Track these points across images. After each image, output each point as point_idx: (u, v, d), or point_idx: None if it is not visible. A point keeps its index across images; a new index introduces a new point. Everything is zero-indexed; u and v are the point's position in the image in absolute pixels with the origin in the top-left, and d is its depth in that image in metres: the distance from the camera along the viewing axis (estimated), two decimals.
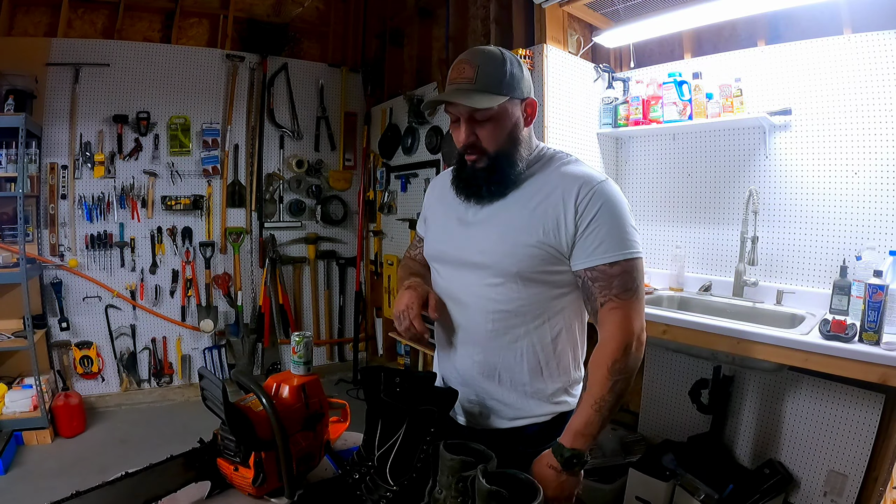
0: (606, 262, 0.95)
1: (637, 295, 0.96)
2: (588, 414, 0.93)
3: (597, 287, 0.96)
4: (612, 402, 0.93)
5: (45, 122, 3.17)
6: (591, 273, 0.96)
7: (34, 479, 2.51)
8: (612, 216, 0.95)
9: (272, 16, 3.84)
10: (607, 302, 0.95)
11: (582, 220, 0.96)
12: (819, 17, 1.94)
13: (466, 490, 0.79)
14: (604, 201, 0.96)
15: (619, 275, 0.95)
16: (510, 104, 0.99)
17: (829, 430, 1.91)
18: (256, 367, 3.82)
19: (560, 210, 0.97)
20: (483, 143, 1.00)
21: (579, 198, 0.96)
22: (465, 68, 0.97)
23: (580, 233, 0.96)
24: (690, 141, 2.34)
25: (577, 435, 0.93)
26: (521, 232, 0.99)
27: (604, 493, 2.08)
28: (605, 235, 0.95)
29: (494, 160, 1.00)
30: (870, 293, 1.54)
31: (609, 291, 0.95)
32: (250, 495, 1.00)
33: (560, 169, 1.03)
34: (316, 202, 3.99)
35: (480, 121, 0.98)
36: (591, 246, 0.95)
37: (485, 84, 0.96)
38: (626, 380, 0.93)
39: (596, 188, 0.96)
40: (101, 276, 3.37)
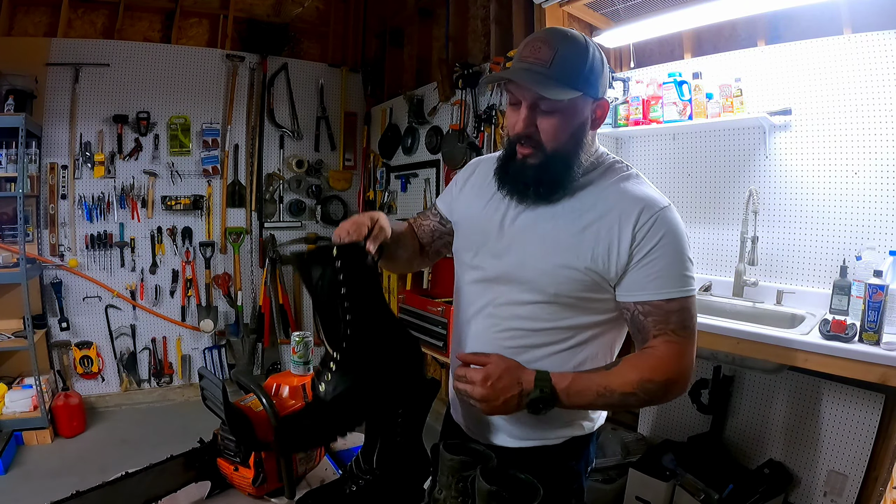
0: (663, 297, 0.85)
1: (693, 335, 0.87)
2: (591, 387, 0.83)
3: (650, 321, 0.86)
4: (615, 403, 0.85)
5: (45, 122, 3.17)
6: (643, 307, 0.86)
7: (34, 479, 2.51)
8: (673, 248, 0.85)
9: (272, 16, 3.84)
10: (662, 335, 0.85)
11: (639, 249, 0.85)
12: (819, 17, 1.94)
13: (466, 490, 0.79)
14: (665, 231, 0.85)
15: (676, 311, 0.85)
16: (582, 101, 0.87)
17: (829, 430, 1.91)
18: (256, 367, 3.82)
19: (615, 235, 0.86)
20: (542, 137, 0.87)
21: (639, 224, 0.85)
22: (542, 48, 0.84)
23: (635, 262, 0.86)
24: (690, 141, 2.34)
25: (565, 391, 0.83)
26: (566, 252, 0.88)
27: (604, 493, 2.08)
28: (664, 269, 0.85)
29: (549, 159, 0.88)
30: (870, 293, 1.54)
31: (666, 327, 0.85)
32: (250, 495, 1.00)
33: (619, 185, 0.91)
34: (316, 202, 3.99)
35: (545, 111, 0.86)
36: (647, 278, 0.85)
37: (560, 72, 0.83)
38: (642, 402, 0.86)
39: (658, 215, 0.86)
40: (101, 276, 3.37)
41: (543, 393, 0.81)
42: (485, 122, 2.89)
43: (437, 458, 0.83)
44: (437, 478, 0.84)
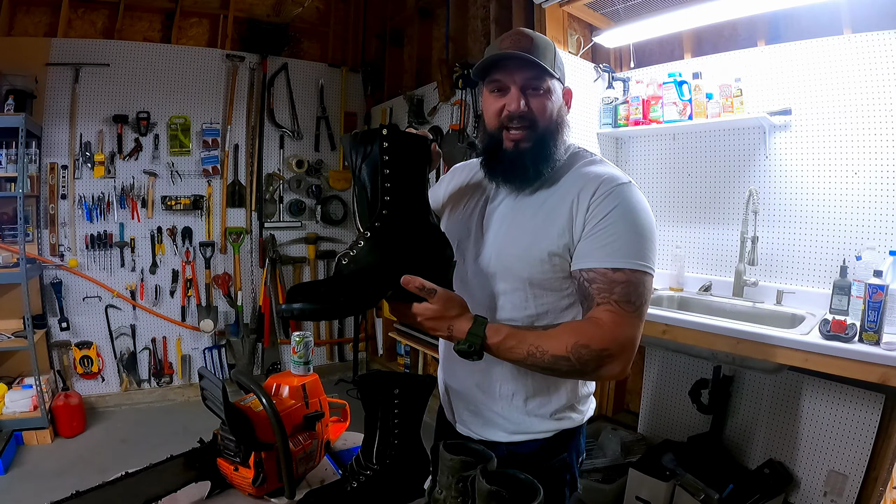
0: (608, 265, 0.84)
1: (639, 312, 0.85)
2: (522, 344, 0.84)
3: (594, 289, 0.85)
4: (545, 364, 0.83)
5: (45, 122, 3.17)
6: (588, 273, 0.86)
7: (34, 479, 2.51)
8: (625, 220, 0.85)
9: (272, 16, 3.84)
10: (605, 304, 0.84)
11: (591, 218, 0.87)
12: (819, 17, 1.94)
13: (467, 490, 0.78)
14: (619, 202, 0.86)
15: (622, 282, 0.84)
16: (558, 85, 0.94)
17: (829, 430, 1.91)
18: (256, 367, 3.82)
19: (574, 209, 0.89)
20: (536, 115, 0.91)
21: (595, 195, 0.87)
22: (521, 39, 0.90)
23: (587, 231, 0.87)
24: (690, 141, 2.34)
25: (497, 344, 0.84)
26: (533, 235, 0.92)
27: (604, 493, 2.08)
28: (614, 238, 0.85)
29: (542, 139, 0.92)
30: (870, 293, 1.54)
31: (609, 296, 0.84)
32: (250, 495, 1.00)
33: (582, 169, 0.94)
34: (316, 202, 3.99)
35: (535, 91, 0.91)
36: (594, 246, 0.86)
37: (542, 57, 0.89)
38: (573, 369, 0.83)
39: (615, 189, 0.87)
40: (101, 276, 3.37)
41: (472, 348, 0.83)
42: None
43: (437, 458, 0.83)
44: (436, 478, 0.84)
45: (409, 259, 0.86)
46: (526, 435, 1.00)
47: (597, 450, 2.29)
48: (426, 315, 0.84)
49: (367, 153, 0.84)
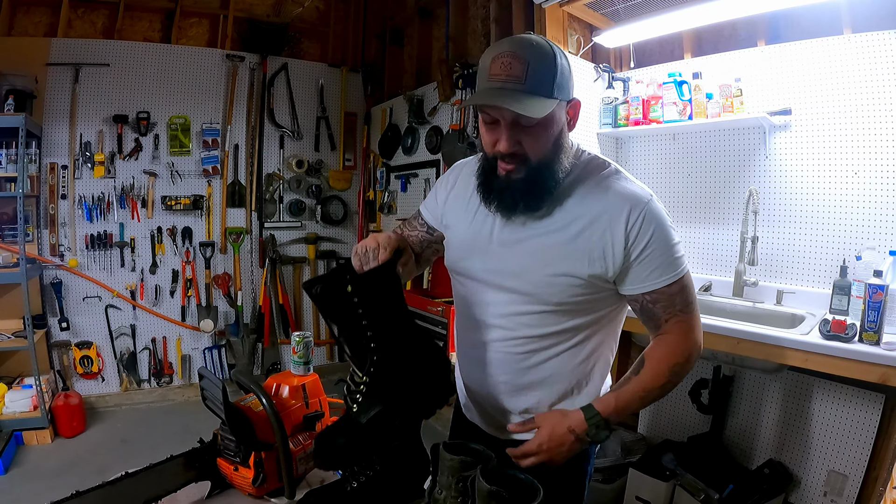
0: (666, 284, 0.91)
1: (696, 307, 0.95)
2: (633, 397, 0.92)
3: (659, 308, 0.93)
4: (656, 397, 0.93)
5: (45, 122, 3.17)
6: (650, 296, 0.92)
7: (34, 479, 2.51)
8: (663, 239, 0.90)
9: (272, 16, 3.84)
10: (672, 318, 0.93)
11: (634, 248, 0.89)
12: (819, 17, 1.94)
13: (466, 490, 0.79)
14: (655, 225, 0.89)
15: (678, 292, 0.92)
16: (558, 107, 0.87)
17: (829, 430, 1.91)
18: (256, 367, 3.82)
19: (608, 238, 0.90)
20: (527, 152, 0.88)
21: (630, 224, 0.89)
22: (513, 64, 0.82)
23: (634, 259, 0.90)
24: (690, 141, 2.34)
25: (615, 411, 0.90)
26: (563, 261, 0.91)
27: (604, 493, 2.08)
28: (660, 259, 0.90)
29: (535, 171, 0.89)
30: (870, 293, 1.54)
31: (673, 309, 0.93)
32: (250, 495, 1.00)
33: (602, 185, 0.92)
34: (316, 202, 3.99)
35: (526, 126, 0.85)
36: (647, 271, 0.90)
37: (536, 85, 0.82)
38: (675, 383, 0.93)
39: (645, 212, 0.89)
40: (101, 276, 3.37)
41: (597, 427, 0.89)
42: None
43: (437, 458, 0.83)
44: (436, 478, 0.84)
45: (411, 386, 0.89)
46: None
47: (597, 449, 2.28)
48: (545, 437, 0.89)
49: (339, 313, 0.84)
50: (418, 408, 0.91)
